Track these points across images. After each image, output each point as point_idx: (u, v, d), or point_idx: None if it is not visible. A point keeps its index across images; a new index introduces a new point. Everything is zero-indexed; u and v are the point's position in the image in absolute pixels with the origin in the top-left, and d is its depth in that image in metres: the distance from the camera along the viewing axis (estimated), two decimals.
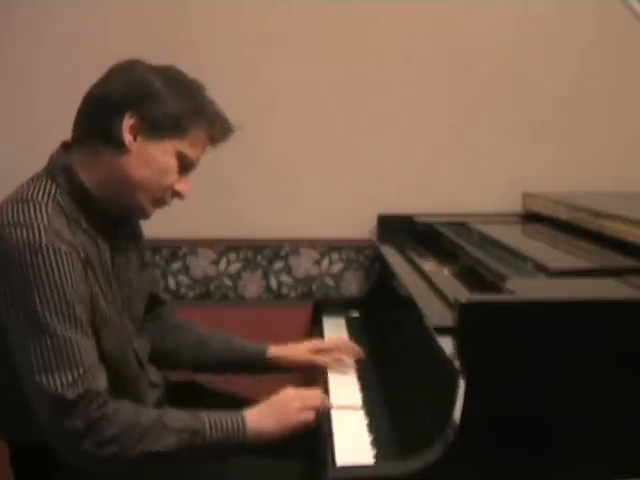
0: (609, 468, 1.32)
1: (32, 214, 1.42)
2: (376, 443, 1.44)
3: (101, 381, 1.41)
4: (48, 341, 1.37)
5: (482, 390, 1.28)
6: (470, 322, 1.29)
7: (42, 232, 1.40)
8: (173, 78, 1.53)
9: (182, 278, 2.48)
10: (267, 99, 2.39)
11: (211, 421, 1.46)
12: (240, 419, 1.49)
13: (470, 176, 2.46)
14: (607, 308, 1.33)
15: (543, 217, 2.23)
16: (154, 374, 1.72)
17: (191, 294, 2.49)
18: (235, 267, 2.49)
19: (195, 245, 2.47)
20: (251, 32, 2.39)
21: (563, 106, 2.45)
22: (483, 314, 1.30)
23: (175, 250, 2.46)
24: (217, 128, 1.55)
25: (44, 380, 1.37)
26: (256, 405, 1.55)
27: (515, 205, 2.42)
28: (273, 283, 2.51)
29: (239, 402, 1.60)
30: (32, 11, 2.36)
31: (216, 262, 2.49)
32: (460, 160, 2.46)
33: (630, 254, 1.65)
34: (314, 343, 1.93)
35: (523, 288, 1.46)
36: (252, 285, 2.50)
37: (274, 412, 1.53)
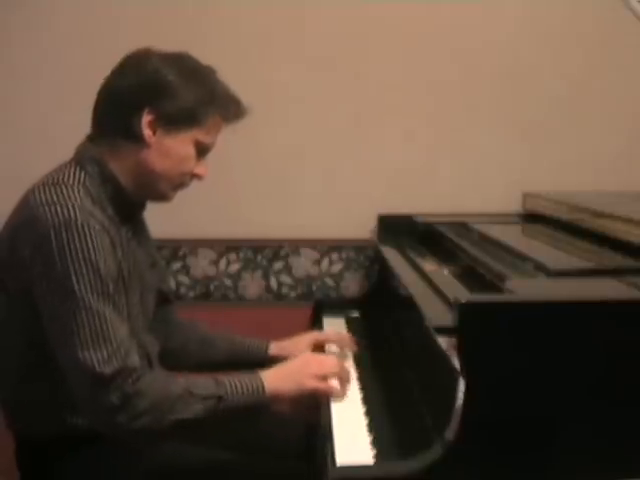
0: (609, 468, 1.32)
1: (65, 194, 1.47)
2: (376, 443, 1.44)
3: (134, 356, 1.44)
4: (83, 316, 1.40)
5: (482, 390, 1.28)
6: (470, 322, 1.29)
7: (76, 210, 1.44)
8: (186, 67, 1.57)
9: (182, 278, 2.48)
10: (267, 99, 2.38)
11: (232, 386, 1.50)
12: (259, 381, 1.52)
13: (470, 176, 2.46)
14: (607, 308, 1.33)
15: (543, 217, 2.23)
16: None
17: (191, 294, 2.49)
18: (235, 267, 2.49)
19: (195, 245, 2.47)
20: (251, 32, 2.39)
21: (563, 106, 2.45)
22: (483, 314, 1.30)
23: (175, 250, 2.46)
24: (230, 111, 1.60)
25: (80, 357, 1.39)
26: (274, 366, 1.58)
27: (515, 205, 2.42)
28: (273, 283, 2.51)
29: None
30: (32, 11, 2.36)
31: (216, 262, 2.49)
32: (460, 160, 2.46)
33: (630, 254, 1.65)
34: (313, 335, 1.95)
35: (523, 288, 1.46)
36: (252, 285, 2.50)
37: (291, 374, 1.56)
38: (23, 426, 1.59)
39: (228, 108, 1.59)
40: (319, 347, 1.92)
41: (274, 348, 1.88)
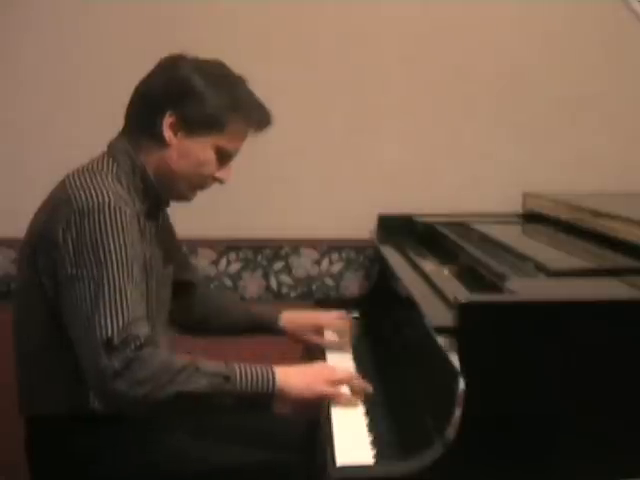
0: (610, 468, 1.32)
1: (99, 180, 1.55)
2: (376, 443, 1.44)
3: (144, 329, 1.47)
4: (105, 289, 1.46)
5: (482, 390, 1.28)
6: (470, 322, 1.29)
7: (110, 194, 1.51)
8: (214, 74, 1.62)
9: None
10: (266, 99, 2.37)
11: (242, 370, 1.50)
12: (270, 373, 1.52)
13: (470, 176, 2.46)
14: (607, 308, 1.33)
15: (543, 217, 2.23)
16: None
17: None
18: (235, 267, 2.49)
19: (195, 245, 2.47)
20: (250, 32, 2.39)
21: (564, 106, 2.45)
22: (483, 314, 1.30)
23: None
24: (254, 120, 1.64)
25: (94, 324, 1.44)
26: (289, 366, 1.59)
27: (515, 205, 2.42)
28: (273, 283, 2.51)
29: None
30: (32, 11, 2.36)
31: (216, 262, 2.49)
32: (460, 160, 2.46)
33: (630, 254, 1.65)
34: (317, 317, 2.03)
35: (523, 288, 1.46)
36: (252, 285, 2.50)
37: (304, 374, 1.57)
38: (38, 407, 1.61)
39: (251, 116, 1.63)
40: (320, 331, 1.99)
41: (284, 319, 1.96)
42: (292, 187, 2.46)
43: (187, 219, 2.28)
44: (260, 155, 2.40)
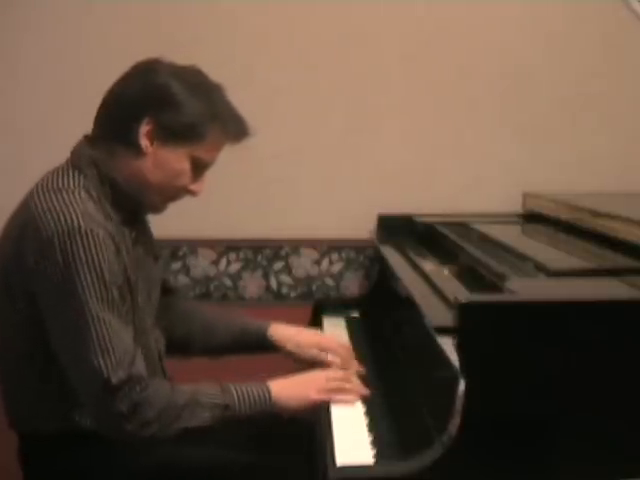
0: (610, 468, 1.32)
1: (67, 200, 1.47)
2: (376, 443, 1.44)
3: (140, 363, 1.46)
4: (90, 325, 1.41)
5: (482, 390, 1.28)
6: (470, 322, 1.29)
7: (80, 217, 1.44)
8: (192, 82, 1.56)
9: (182, 278, 2.48)
10: (266, 99, 2.38)
11: (239, 394, 1.51)
12: (266, 390, 1.53)
13: (470, 176, 2.46)
14: (607, 308, 1.33)
15: (543, 217, 2.23)
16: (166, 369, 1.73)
17: (191, 294, 2.48)
18: (235, 267, 2.49)
19: (195, 245, 2.47)
20: (248, 32, 2.39)
21: (564, 106, 2.45)
22: (483, 314, 1.30)
23: (175, 250, 2.46)
24: (232, 131, 1.58)
25: (87, 365, 1.41)
26: (282, 379, 1.58)
27: (515, 205, 2.42)
28: (273, 283, 2.50)
29: None
30: (32, 11, 2.36)
31: (216, 262, 2.49)
32: (460, 160, 2.46)
33: (630, 254, 1.65)
34: (318, 339, 1.87)
35: (523, 288, 1.46)
36: (252, 285, 2.50)
37: (298, 387, 1.57)
38: (28, 425, 1.58)
39: (229, 127, 1.57)
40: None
41: (274, 332, 1.84)
42: (292, 187, 2.46)
43: (187, 219, 2.28)
44: (260, 155, 2.40)
